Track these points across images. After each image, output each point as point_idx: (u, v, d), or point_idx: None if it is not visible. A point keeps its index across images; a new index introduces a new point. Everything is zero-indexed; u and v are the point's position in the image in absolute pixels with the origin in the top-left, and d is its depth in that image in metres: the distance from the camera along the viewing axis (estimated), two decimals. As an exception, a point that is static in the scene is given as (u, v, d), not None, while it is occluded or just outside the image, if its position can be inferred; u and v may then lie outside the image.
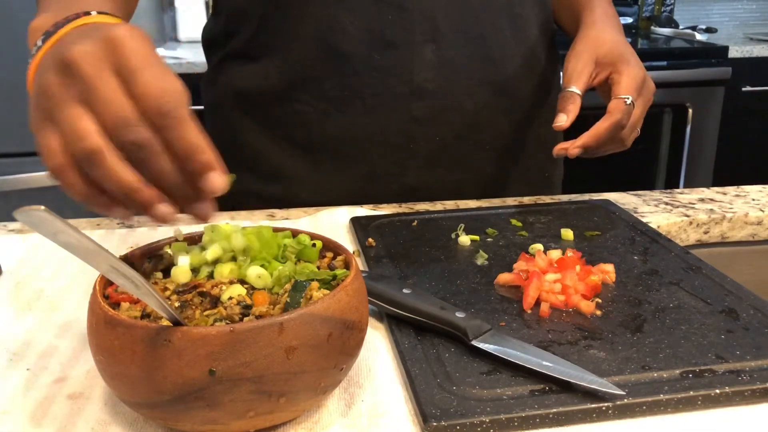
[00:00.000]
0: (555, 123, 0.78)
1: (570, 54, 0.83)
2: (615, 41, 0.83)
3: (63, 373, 0.52)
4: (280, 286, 0.47)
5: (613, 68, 0.81)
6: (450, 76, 0.85)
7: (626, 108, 0.77)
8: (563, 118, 0.78)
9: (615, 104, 0.77)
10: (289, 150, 0.89)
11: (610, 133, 0.76)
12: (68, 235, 0.34)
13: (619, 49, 0.82)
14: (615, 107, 0.77)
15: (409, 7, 0.82)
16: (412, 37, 0.83)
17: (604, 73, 0.81)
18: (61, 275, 0.68)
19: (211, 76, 0.95)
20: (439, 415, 0.45)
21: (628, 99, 0.77)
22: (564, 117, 0.78)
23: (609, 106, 0.78)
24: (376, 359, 0.54)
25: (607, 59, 0.81)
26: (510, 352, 0.50)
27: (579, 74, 0.80)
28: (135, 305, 0.45)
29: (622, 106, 0.77)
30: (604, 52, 0.81)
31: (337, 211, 0.84)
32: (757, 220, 0.84)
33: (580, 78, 0.80)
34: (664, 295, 0.61)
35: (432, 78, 0.84)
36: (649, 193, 0.92)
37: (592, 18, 0.87)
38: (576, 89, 0.79)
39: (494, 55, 0.87)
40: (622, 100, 0.77)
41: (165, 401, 0.41)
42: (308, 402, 0.45)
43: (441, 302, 0.56)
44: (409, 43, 0.83)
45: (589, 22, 0.86)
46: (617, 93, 0.78)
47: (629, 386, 0.47)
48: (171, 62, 2.21)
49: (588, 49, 0.82)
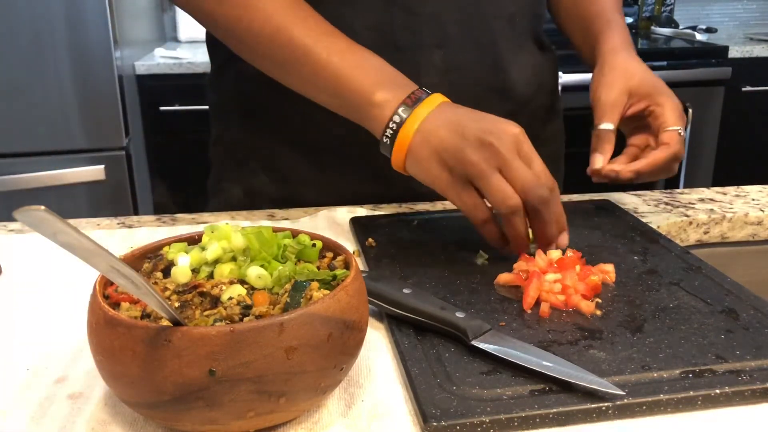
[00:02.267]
0: (591, 165, 0.77)
1: (599, 85, 0.80)
2: (645, 71, 0.81)
3: (63, 373, 0.52)
4: (280, 286, 0.47)
5: (650, 100, 0.79)
6: (456, 80, 0.85)
7: (680, 139, 0.77)
8: (600, 159, 0.77)
9: (670, 136, 0.77)
10: (295, 151, 0.89)
11: (666, 164, 0.77)
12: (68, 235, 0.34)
13: (651, 80, 0.80)
14: (671, 139, 0.77)
15: (418, 11, 0.82)
16: (420, 41, 0.83)
17: (639, 105, 0.80)
18: (61, 275, 0.68)
19: (216, 76, 0.95)
20: (439, 415, 0.45)
21: (681, 130, 0.77)
22: (600, 158, 0.77)
23: (663, 137, 0.77)
24: (376, 359, 0.54)
25: (642, 90, 0.79)
26: (510, 352, 0.50)
27: (612, 108, 0.78)
28: (135, 305, 0.45)
29: (677, 137, 0.77)
30: (636, 84, 0.80)
31: (337, 211, 0.84)
32: (757, 220, 0.84)
33: (613, 112, 0.78)
34: (664, 295, 0.61)
35: (438, 82, 0.84)
36: (649, 193, 0.92)
37: (613, 44, 0.84)
38: (610, 126, 0.78)
39: (501, 62, 0.87)
40: (676, 131, 0.77)
41: (165, 401, 0.41)
42: (308, 402, 0.45)
43: (441, 302, 0.56)
44: (416, 46, 0.83)
45: (610, 49, 0.83)
46: (666, 124, 0.77)
47: (629, 386, 0.47)
48: (171, 62, 2.21)
49: (619, 80, 0.80)
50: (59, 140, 2.01)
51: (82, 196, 2.07)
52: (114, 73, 1.98)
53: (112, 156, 2.06)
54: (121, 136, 2.05)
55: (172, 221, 0.84)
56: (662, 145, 0.77)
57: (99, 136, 2.03)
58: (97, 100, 1.99)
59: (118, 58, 1.99)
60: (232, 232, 0.50)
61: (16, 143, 2.00)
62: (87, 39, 1.94)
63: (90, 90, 1.98)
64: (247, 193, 0.92)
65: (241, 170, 0.93)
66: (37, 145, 2.01)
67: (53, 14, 1.90)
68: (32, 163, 2.02)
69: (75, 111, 1.99)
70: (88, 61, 1.96)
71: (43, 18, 1.90)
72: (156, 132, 2.28)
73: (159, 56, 2.29)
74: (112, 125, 2.03)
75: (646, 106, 0.80)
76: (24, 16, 1.89)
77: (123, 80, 2.04)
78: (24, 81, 1.94)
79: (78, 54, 1.95)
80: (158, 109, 2.23)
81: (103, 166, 2.05)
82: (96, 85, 1.98)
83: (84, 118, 2.00)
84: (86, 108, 2.00)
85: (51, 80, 1.95)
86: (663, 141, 0.77)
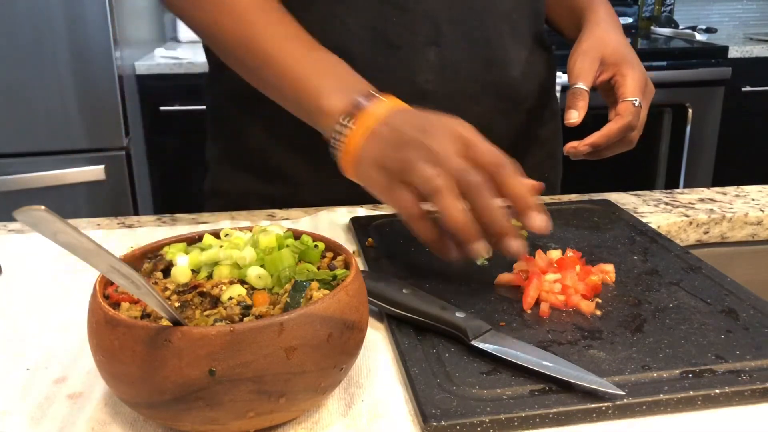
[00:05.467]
0: (566, 119, 0.78)
1: (575, 52, 0.83)
2: (619, 42, 0.83)
3: (63, 373, 0.52)
4: (280, 286, 0.47)
5: (617, 69, 0.81)
6: (452, 78, 0.85)
7: (635, 110, 0.78)
8: (574, 114, 0.78)
9: (624, 107, 0.78)
10: (292, 150, 0.89)
11: (620, 134, 0.77)
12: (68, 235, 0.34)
13: (622, 51, 0.82)
14: (624, 109, 0.78)
15: (412, 8, 0.82)
16: (414, 39, 0.83)
17: (607, 74, 0.82)
18: (61, 275, 0.68)
19: (213, 76, 0.95)
20: (439, 415, 0.45)
21: (636, 101, 0.78)
22: (575, 113, 0.78)
23: (618, 108, 0.78)
24: (376, 359, 0.54)
25: (611, 59, 0.81)
26: (510, 352, 0.50)
27: (586, 72, 0.80)
28: (135, 305, 0.45)
29: (631, 108, 0.77)
30: (609, 52, 0.82)
31: (337, 211, 0.84)
32: (757, 220, 0.84)
33: (587, 76, 0.80)
34: (664, 295, 0.61)
35: (433, 80, 0.84)
36: (649, 193, 0.92)
37: (595, 18, 0.87)
38: (584, 86, 0.79)
39: (496, 59, 0.87)
40: (630, 102, 0.78)
41: (165, 401, 0.41)
42: (308, 402, 0.45)
43: (441, 302, 0.56)
44: (411, 44, 0.83)
45: (592, 22, 0.86)
46: (624, 95, 0.79)
47: (629, 386, 0.47)
48: (171, 62, 2.21)
49: (594, 47, 0.82)
50: (59, 140, 2.01)
51: (82, 196, 2.07)
52: (114, 73, 1.98)
53: (112, 156, 2.06)
54: (121, 136, 2.05)
55: (172, 221, 0.84)
56: (616, 116, 0.78)
57: (99, 136, 2.03)
58: (97, 100, 1.99)
59: (118, 58, 1.99)
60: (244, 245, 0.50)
61: (16, 143, 2.00)
62: (87, 39, 1.94)
63: (90, 90, 1.98)
64: (243, 194, 0.92)
65: (238, 171, 0.93)
66: (37, 145, 2.01)
67: (53, 14, 1.90)
68: (32, 163, 2.02)
69: (75, 111, 1.99)
70: (88, 61, 1.96)
71: (43, 18, 1.90)
72: (156, 132, 2.28)
73: (159, 56, 2.29)
74: (112, 125, 2.03)
75: (611, 75, 0.81)
76: (24, 16, 1.89)
77: (123, 80, 2.04)
78: (24, 81, 1.94)
79: (78, 54, 1.95)
80: (158, 109, 2.23)
81: (103, 166, 2.05)
82: (96, 85, 1.98)
83: (84, 118, 2.00)
84: (86, 108, 2.00)
85: (51, 80, 1.95)
86: (617, 112, 0.78)
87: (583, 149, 0.76)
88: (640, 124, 0.79)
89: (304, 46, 0.73)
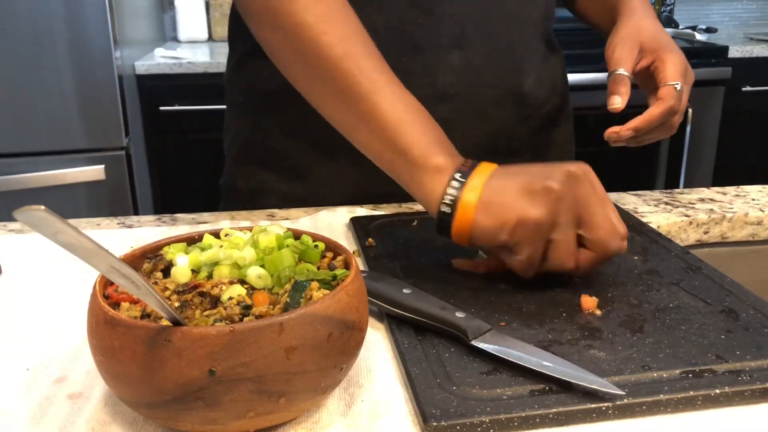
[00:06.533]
0: (610, 105, 0.77)
1: (613, 39, 0.82)
2: (656, 29, 0.83)
3: (63, 373, 0.52)
4: (280, 286, 0.47)
5: (656, 55, 0.81)
6: (474, 82, 0.85)
7: (677, 94, 0.77)
8: (618, 99, 0.77)
9: (666, 91, 0.77)
10: (311, 149, 0.89)
11: (662, 119, 0.77)
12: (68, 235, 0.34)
13: (660, 37, 0.82)
14: (666, 93, 0.77)
15: (438, 11, 0.82)
16: (438, 41, 0.83)
17: (646, 60, 0.81)
18: (61, 275, 0.68)
19: (233, 73, 0.95)
20: (439, 415, 0.45)
21: (677, 85, 0.78)
22: (618, 99, 0.77)
23: (659, 92, 0.78)
24: (376, 359, 0.54)
25: (650, 46, 0.81)
26: (510, 352, 0.50)
27: (626, 58, 0.80)
28: (135, 305, 0.45)
29: (672, 92, 0.77)
30: (647, 39, 0.81)
31: (337, 211, 0.84)
32: (757, 220, 0.84)
33: (627, 61, 0.79)
34: (664, 295, 0.61)
35: (456, 82, 0.84)
36: (649, 193, 0.92)
37: (630, 6, 0.86)
38: (625, 71, 0.79)
39: (518, 65, 0.87)
40: (672, 86, 0.77)
41: (165, 401, 0.41)
42: (308, 402, 0.45)
43: (441, 302, 0.56)
44: (435, 47, 0.83)
45: (627, 11, 0.86)
46: (665, 79, 0.78)
47: (629, 386, 0.47)
48: (171, 62, 2.21)
49: (631, 35, 0.82)
50: (59, 140, 2.01)
51: (82, 196, 2.07)
52: (114, 73, 1.98)
53: (112, 156, 2.06)
54: (121, 136, 2.05)
55: (172, 221, 0.84)
56: (658, 101, 0.77)
57: (99, 136, 2.03)
58: (97, 100, 1.99)
59: (118, 58, 1.99)
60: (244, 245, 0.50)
61: (16, 143, 2.00)
62: (87, 39, 1.94)
63: (90, 90, 1.98)
64: (261, 190, 0.92)
65: (256, 168, 0.93)
66: (37, 145, 2.01)
67: (53, 14, 1.90)
68: (32, 163, 2.02)
69: (75, 111, 1.99)
70: (88, 61, 1.96)
71: (43, 18, 1.90)
72: (156, 132, 2.28)
73: (159, 56, 2.29)
74: (112, 125, 2.03)
75: (651, 61, 0.81)
76: (24, 16, 1.89)
77: (123, 80, 2.04)
78: (24, 81, 1.94)
79: (78, 54, 1.94)
80: (158, 109, 2.23)
81: (103, 166, 2.04)
82: (96, 85, 1.98)
83: (84, 118, 2.00)
84: (86, 108, 2.00)
85: (51, 80, 1.95)
86: (659, 96, 0.78)
87: (626, 134, 0.76)
88: (681, 108, 0.78)
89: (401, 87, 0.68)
